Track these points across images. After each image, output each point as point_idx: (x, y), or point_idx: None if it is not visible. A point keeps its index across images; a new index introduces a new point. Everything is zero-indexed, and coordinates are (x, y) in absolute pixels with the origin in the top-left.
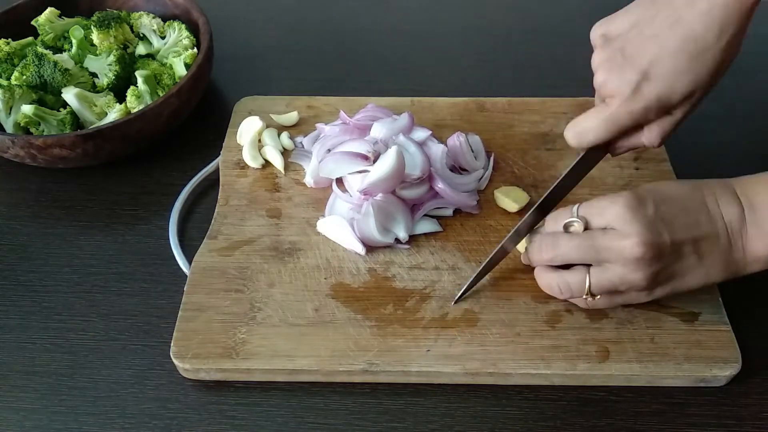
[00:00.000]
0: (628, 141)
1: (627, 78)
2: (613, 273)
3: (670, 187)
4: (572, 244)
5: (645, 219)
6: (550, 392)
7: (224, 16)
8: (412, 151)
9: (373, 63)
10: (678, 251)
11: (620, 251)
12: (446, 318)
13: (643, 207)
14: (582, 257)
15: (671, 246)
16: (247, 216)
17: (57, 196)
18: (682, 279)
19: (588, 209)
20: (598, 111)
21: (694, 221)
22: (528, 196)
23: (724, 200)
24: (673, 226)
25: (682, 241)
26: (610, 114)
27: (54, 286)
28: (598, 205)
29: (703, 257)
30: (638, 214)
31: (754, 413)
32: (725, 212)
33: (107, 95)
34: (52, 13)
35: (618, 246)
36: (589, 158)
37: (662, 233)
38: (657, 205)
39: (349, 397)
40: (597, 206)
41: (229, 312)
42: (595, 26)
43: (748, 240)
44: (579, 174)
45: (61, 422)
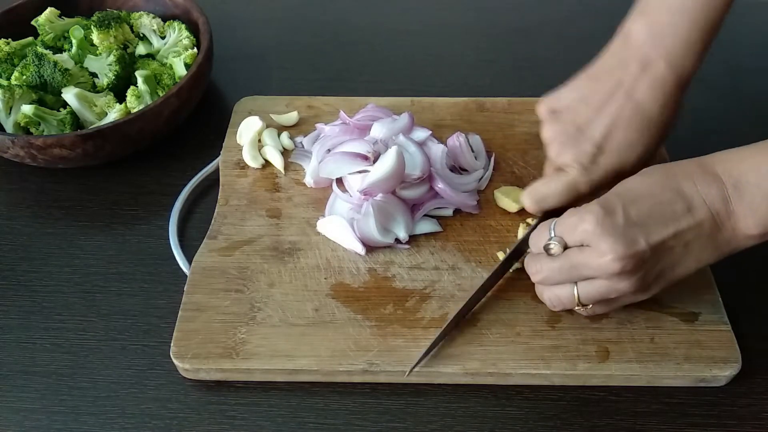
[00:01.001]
0: None
1: (583, 149)
2: (600, 285)
3: (641, 183)
4: (553, 266)
5: (616, 231)
6: (550, 392)
7: (224, 16)
8: (412, 151)
9: (373, 63)
10: (660, 250)
11: (599, 269)
12: (446, 318)
13: (613, 217)
14: (565, 278)
15: (651, 249)
16: (247, 216)
17: (57, 196)
18: (673, 271)
19: (562, 227)
20: (558, 179)
21: (670, 214)
22: None
23: (702, 181)
24: (648, 228)
25: (662, 240)
26: (569, 181)
27: (54, 286)
28: (569, 222)
29: (689, 246)
30: (608, 227)
31: (754, 413)
32: (705, 194)
33: (107, 95)
34: (52, 13)
35: (595, 264)
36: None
37: (637, 240)
38: (626, 211)
39: (349, 397)
40: (569, 224)
41: (229, 312)
42: (541, 102)
43: (737, 219)
44: None
45: (61, 422)
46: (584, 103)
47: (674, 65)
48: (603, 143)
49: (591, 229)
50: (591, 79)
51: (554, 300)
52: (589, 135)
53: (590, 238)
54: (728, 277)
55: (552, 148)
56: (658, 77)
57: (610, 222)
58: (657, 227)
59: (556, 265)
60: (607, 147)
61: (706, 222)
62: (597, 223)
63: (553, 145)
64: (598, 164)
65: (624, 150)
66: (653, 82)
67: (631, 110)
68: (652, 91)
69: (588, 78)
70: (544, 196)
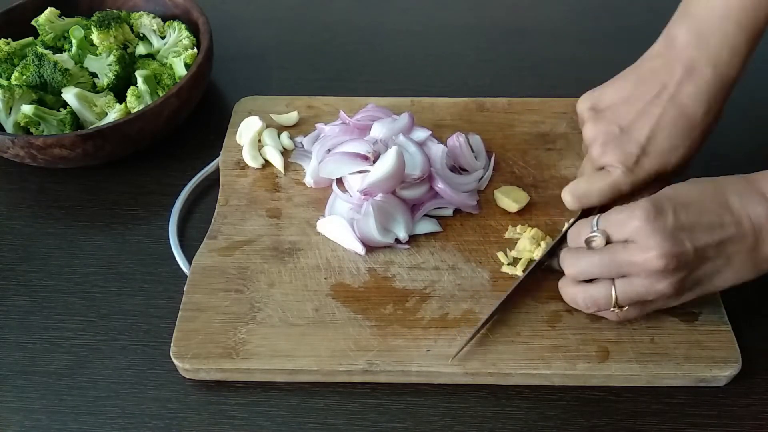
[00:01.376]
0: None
1: (627, 151)
2: (639, 284)
3: (690, 190)
4: (593, 260)
5: (665, 230)
6: (550, 392)
7: (224, 16)
8: (412, 151)
9: (373, 63)
10: (703, 256)
11: (642, 265)
12: (446, 318)
13: (663, 217)
14: (604, 273)
15: (694, 253)
16: (247, 216)
17: (57, 196)
18: (711, 281)
19: (607, 222)
20: (602, 178)
21: (717, 224)
22: (528, 196)
23: (748, 198)
24: (694, 233)
25: (706, 246)
26: (613, 181)
27: (54, 286)
28: (617, 218)
29: (730, 258)
30: (658, 226)
31: (754, 413)
32: (750, 210)
33: (107, 95)
34: (52, 13)
35: (639, 259)
36: None
37: (684, 242)
38: (676, 213)
39: (349, 397)
40: (616, 219)
41: (229, 312)
42: (582, 98)
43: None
44: None
45: (61, 422)
46: (628, 104)
47: (719, 70)
48: (647, 146)
49: (640, 225)
50: (635, 80)
51: (589, 301)
52: (634, 137)
53: (638, 233)
54: None
55: (594, 147)
56: (704, 82)
57: (661, 221)
58: (703, 234)
59: (596, 259)
60: (650, 149)
61: (750, 237)
62: (647, 219)
63: (596, 144)
64: (641, 166)
65: (667, 153)
66: (698, 86)
67: (675, 114)
68: (696, 96)
69: (632, 78)
70: (587, 194)
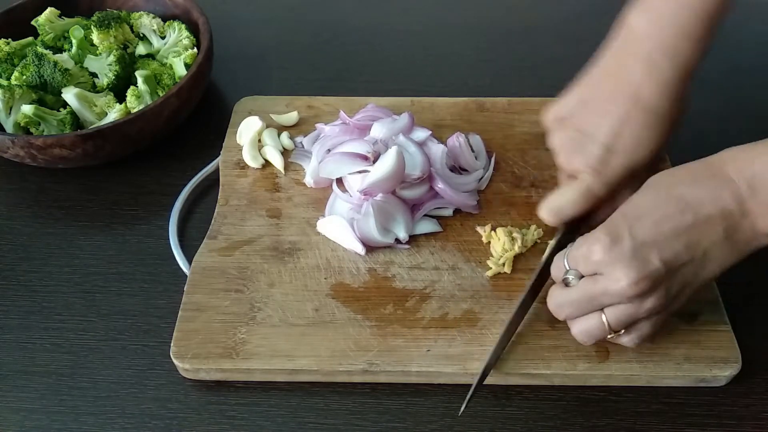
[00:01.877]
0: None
1: (592, 153)
2: (625, 309)
3: (644, 198)
4: (572, 300)
5: (625, 256)
6: (550, 392)
7: (224, 16)
8: (412, 151)
9: (373, 63)
10: (676, 263)
11: (617, 294)
12: (446, 318)
13: (620, 243)
14: (586, 309)
15: (665, 265)
16: (247, 216)
17: (57, 196)
18: (698, 278)
19: (573, 260)
20: (572, 187)
21: (679, 225)
22: None
23: (710, 184)
24: (658, 244)
25: (675, 254)
26: (584, 188)
27: (54, 286)
28: (579, 254)
29: (707, 253)
30: (616, 254)
31: (754, 413)
32: (715, 197)
33: (107, 95)
34: (52, 13)
35: (613, 291)
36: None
37: (649, 261)
38: (633, 232)
39: (349, 397)
40: (579, 255)
41: (229, 312)
42: (546, 111)
43: (755, 218)
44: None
45: (61, 422)
46: (588, 108)
47: (677, 61)
48: (612, 144)
49: (600, 258)
50: (594, 83)
51: (584, 335)
52: (597, 138)
53: (602, 266)
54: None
55: (561, 156)
56: (663, 77)
57: (618, 248)
58: (668, 242)
59: (574, 298)
60: (616, 147)
61: (719, 225)
62: (605, 251)
63: (562, 153)
64: (609, 165)
65: (634, 148)
66: (659, 82)
67: (639, 110)
68: (658, 91)
69: (591, 81)
70: (561, 207)
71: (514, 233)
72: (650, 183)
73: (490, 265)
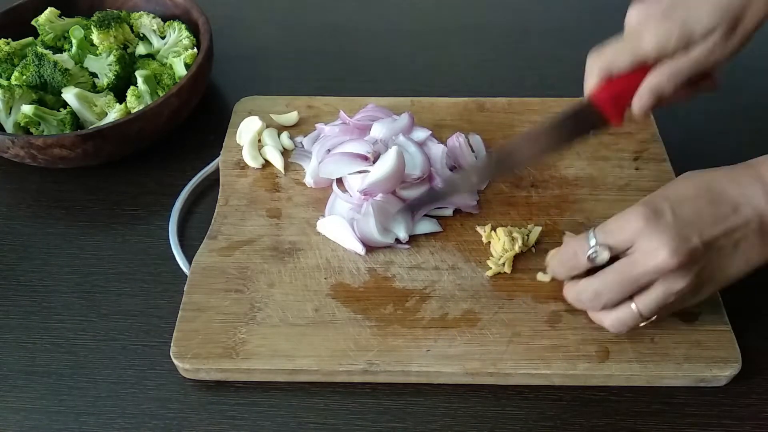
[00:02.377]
0: (645, 86)
1: (655, 4)
2: (658, 292)
3: (684, 186)
4: (607, 284)
5: (668, 228)
6: (550, 392)
7: (224, 16)
8: (412, 151)
9: (373, 63)
10: (712, 247)
11: (656, 269)
12: (446, 318)
13: (662, 216)
14: (626, 291)
15: (703, 246)
16: (247, 216)
17: (57, 196)
18: (723, 272)
19: (605, 233)
20: (625, 41)
21: (719, 214)
22: None
23: (745, 182)
24: (699, 226)
25: (714, 237)
26: (635, 36)
27: (54, 286)
28: (614, 225)
29: (738, 246)
30: (659, 225)
31: (754, 413)
32: (750, 195)
33: (107, 95)
34: (52, 13)
35: (652, 265)
36: (588, 119)
37: (691, 237)
38: (675, 210)
39: (349, 397)
40: (614, 227)
41: (229, 312)
42: None
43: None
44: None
45: (61, 422)
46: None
47: None
48: None
49: (641, 227)
50: None
51: (617, 324)
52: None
53: (641, 237)
54: None
55: (629, 12)
56: None
57: (661, 221)
58: (708, 225)
59: (612, 283)
60: (679, 2)
61: (753, 222)
62: (647, 221)
63: (630, 9)
64: (669, 17)
65: (697, 6)
66: None
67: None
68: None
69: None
70: (614, 58)
71: (514, 233)
72: (689, 175)
73: (490, 265)
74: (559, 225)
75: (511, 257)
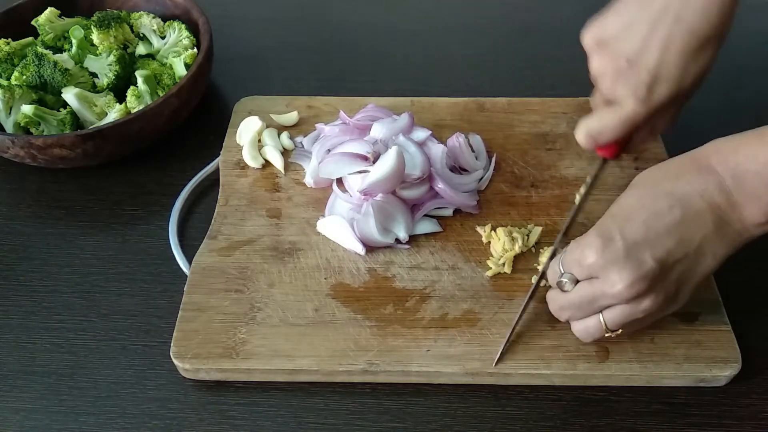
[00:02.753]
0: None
1: (639, 81)
2: (624, 311)
3: (631, 199)
4: (573, 303)
5: (619, 257)
6: (550, 392)
7: (224, 16)
8: (412, 151)
9: (373, 63)
10: (669, 261)
11: (614, 297)
12: (446, 318)
13: (612, 245)
14: (587, 312)
15: (659, 264)
16: (247, 216)
17: (57, 196)
18: (694, 274)
19: (568, 264)
20: (614, 112)
21: (668, 222)
22: None
23: (696, 177)
24: (651, 242)
25: (668, 251)
26: (626, 114)
27: (54, 286)
28: (573, 258)
29: (700, 247)
30: (610, 257)
31: (754, 413)
32: (702, 191)
33: (107, 95)
34: (52, 13)
35: (610, 294)
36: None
37: (643, 260)
38: (624, 232)
39: (349, 397)
40: (572, 260)
41: (229, 312)
42: (586, 31)
43: (742, 209)
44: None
45: (61, 422)
46: (631, 31)
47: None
48: (657, 72)
49: (593, 262)
50: (632, 4)
51: (584, 333)
52: (643, 65)
53: (596, 271)
54: (728, 276)
55: (603, 81)
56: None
57: (611, 250)
58: (659, 240)
59: (575, 302)
60: (662, 75)
61: (708, 219)
62: (598, 254)
63: (605, 78)
64: (654, 93)
65: (680, 75)
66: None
67: (683, 33)
68: (703, 9)
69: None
70: (600, 131)
71: (514, 233)
72: (636, 182)
73: (490, 265)
74: (558, 225)
75: (511, 257)
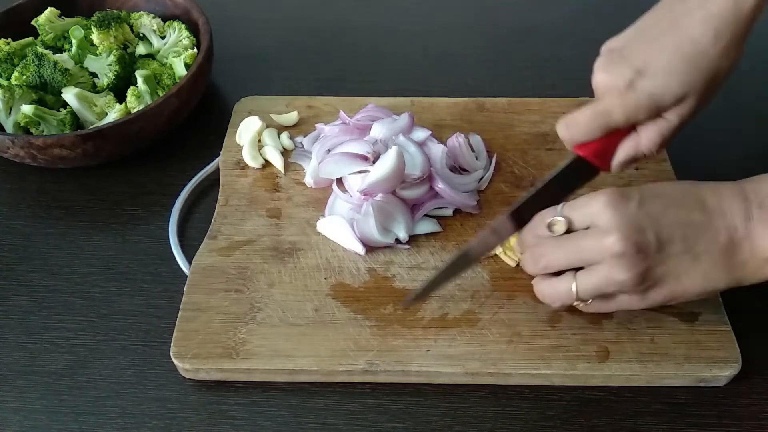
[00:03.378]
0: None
1: (621, 72)
2: (598, 274)
3: (664, 185)
4: (556, 248)
5: (626, 214)
6: (550, 392)
7: (224, 16)
8: (412, 151)
9: (373, 63)
10: (666, 249)
11: (602, 249)
12: (446, 318)
13: (626, 202)
14: (568, 260)
15: (657, 243)
16: (247, 216)
17: (57, 196)
18: (677, 281)
19: (570, 206)
20: (591, 105)
21: (685, 218)
22: None
23: (728, 196)
24: (659, 222)
25: (670, 239)
26: (602, 107)
27: (54, 286)
28: (580, 202)
29: (698, 257)
30: (619, 209)
31: (754, 413)
32: (727, 207)
33: (107, 95)
34: (52, 13)
35: (599, 244)
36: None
37: (645, 229)
38: (642, 202)
39: (349, 397)
40: (579, 203)
41: (229, 312)
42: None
43: (754, 238)
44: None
45: (61, 422)
46: (638, 36)
47: None
48: (643, 67)
49: (601, 208)
50: (651, 16)
51: (553, 295)
52: (631, 60)
53: (599, 216)
54: None
55: (595, 76)
56: (716, 8)
57: (624, 206)
58: (669, 225)
59: (558, 246)
60: (647, 70)
61: (722, 236)
62: (609, 203)
63: (597, 73)
64: (634, 88)
65: (664, 75)
66: (709, 12)
67: (679, 38)
68: (705, 21)
69: (650, 15)
70: (576, 122)
71: None
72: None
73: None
74: None
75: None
